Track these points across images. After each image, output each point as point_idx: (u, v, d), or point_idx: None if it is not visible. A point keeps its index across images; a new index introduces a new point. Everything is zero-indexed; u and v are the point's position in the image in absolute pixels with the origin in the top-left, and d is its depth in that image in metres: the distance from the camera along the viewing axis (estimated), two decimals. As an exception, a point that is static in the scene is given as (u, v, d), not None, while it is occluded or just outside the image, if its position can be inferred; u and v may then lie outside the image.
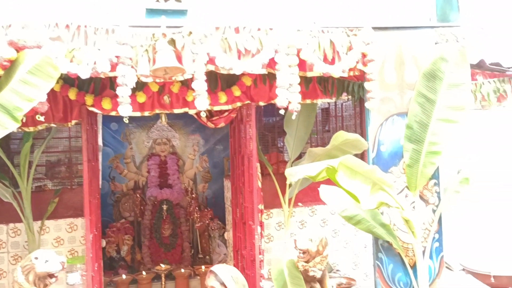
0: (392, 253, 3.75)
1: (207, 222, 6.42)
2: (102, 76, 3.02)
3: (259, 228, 4.03)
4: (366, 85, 3.55)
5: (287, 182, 4.49)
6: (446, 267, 3.81)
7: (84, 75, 2.94)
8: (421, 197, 3.76)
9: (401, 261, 3.71)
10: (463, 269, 3.82)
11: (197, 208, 6.44)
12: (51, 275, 3.21)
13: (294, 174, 3.04)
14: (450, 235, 4.00)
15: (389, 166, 3.68)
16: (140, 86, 3.83)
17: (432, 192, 3.78)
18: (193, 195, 6.51)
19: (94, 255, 3.83)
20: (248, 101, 4.12)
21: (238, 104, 4.10)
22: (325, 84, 4.29)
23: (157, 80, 3.39)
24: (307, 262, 3.68)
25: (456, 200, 3.69)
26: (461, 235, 4.44)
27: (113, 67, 2.95)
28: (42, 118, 2.99)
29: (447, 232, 3.84)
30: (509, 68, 4.05)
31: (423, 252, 3.66)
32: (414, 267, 3.67)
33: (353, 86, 4.03)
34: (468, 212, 4.96)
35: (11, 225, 3.99)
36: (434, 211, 3.77)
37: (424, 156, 3.52)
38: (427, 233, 3.74)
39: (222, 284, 3.90)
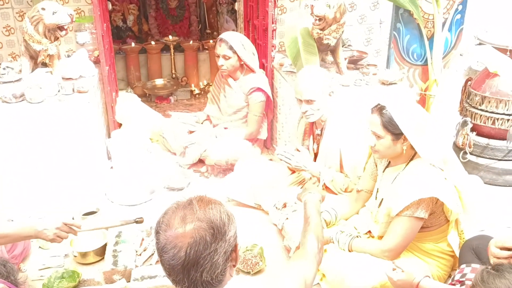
0: (411, 25, 3.63)
1: (215, -5, 6.13)
2: None
3: (273, -4, 3.80)
4: None
5: None
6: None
7: None
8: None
9: (419, 32, 3.62)
10: (479, 43, 3.74)
11: (204, -22, 6.07)
12: (60, 28, 3.13)
13: None
14: (474, 8, 3.80)
15: None
16: None
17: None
18: (200, -35, 6.07)
19: (102, 14, 3.69)
20: None
21: None
22: None
23: None
24: (322, 29, 3.58)
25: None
26: (485, 9, 4.22)
27: None
28: None
29: (471, 5, 3.64)
30: None
31: (443, 23, 3.54)
32: (431, 39, 3.59)
33: None
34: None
35: (11, -22, 3.74)
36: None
37: None
38: (451, 4, 3.55)
39: (235, 52, 3.89)
